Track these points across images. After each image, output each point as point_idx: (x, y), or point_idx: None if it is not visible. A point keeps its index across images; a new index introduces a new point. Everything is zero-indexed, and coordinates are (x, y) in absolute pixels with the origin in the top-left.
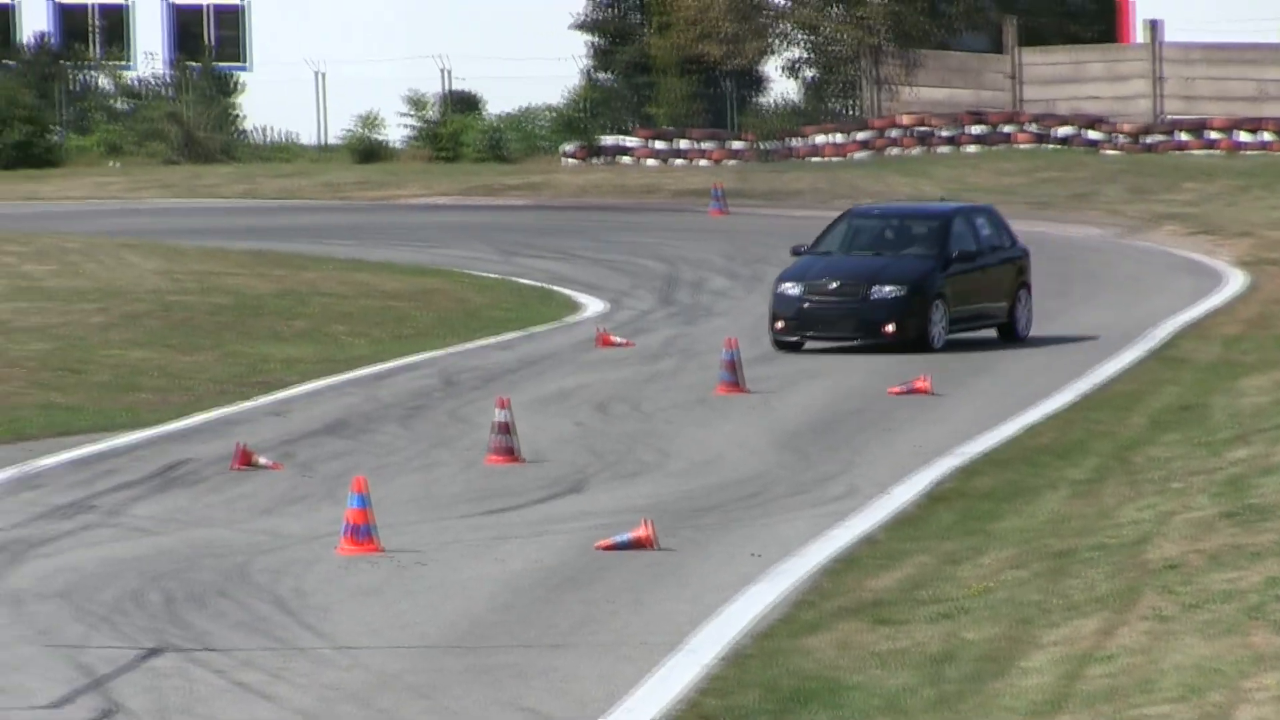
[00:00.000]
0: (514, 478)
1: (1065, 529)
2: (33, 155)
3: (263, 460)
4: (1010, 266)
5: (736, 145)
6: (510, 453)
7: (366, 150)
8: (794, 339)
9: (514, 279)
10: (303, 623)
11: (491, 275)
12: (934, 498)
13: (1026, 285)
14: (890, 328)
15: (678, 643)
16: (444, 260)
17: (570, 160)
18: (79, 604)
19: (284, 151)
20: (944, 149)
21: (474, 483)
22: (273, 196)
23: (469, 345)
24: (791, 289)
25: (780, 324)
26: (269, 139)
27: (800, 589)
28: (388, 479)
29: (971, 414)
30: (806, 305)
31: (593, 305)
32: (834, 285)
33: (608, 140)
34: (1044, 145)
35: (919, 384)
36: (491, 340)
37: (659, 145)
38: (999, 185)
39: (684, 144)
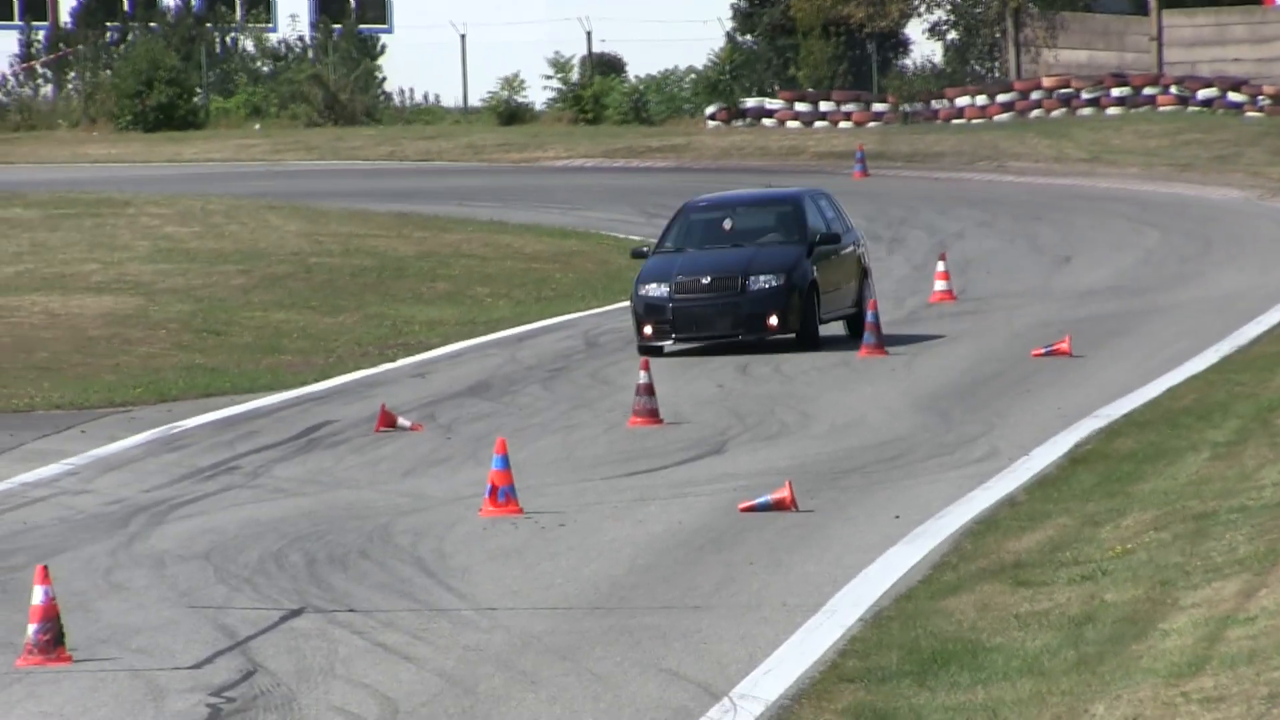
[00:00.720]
0: (655, 439)
1: (1206, 491)
2: (176, 117)
3: (404, 422)
4: (853, 253)
5: (879, 107)
6: (653, 415)
7: (509, 112)
8: (664, 343)
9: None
10: (444, 584)
11: (634, 237)
12: (1075, 459)
13: (868, 272)
14: (774, 320)
15: (818, 604)
16: (586, 222)
17: (713, 122)
18: (221, 565)
19: (426, 114)
20: (1086, 111)
21: (615, 444)
22: (415, 159)
23: (611, 307)
24: (656, 289)
25: (649, 328)
26: (411, 101)
27: (941, 551)
28: (529, 441)
29: (1112, 376)
30: (676, 304)
31: None
32: (706, 280)
33: (750, 102)
34: (1186, 108)
35: (1060, 346)
36: None
37: (801, 107)
38: (1141, 147)
39: (826, 106)
